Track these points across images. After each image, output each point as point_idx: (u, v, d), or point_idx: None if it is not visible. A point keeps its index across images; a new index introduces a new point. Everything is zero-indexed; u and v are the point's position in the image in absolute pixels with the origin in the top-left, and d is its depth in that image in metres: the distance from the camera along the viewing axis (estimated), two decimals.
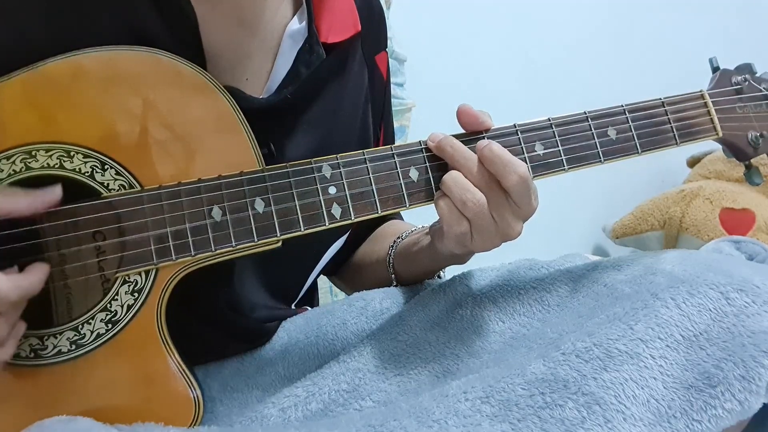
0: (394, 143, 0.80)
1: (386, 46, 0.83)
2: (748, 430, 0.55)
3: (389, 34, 0.85)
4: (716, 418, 0.50)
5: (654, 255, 0.64)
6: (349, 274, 0.89)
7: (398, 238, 0.78)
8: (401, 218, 0.91)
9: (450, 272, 0.76)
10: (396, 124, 1.42)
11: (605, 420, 0.49)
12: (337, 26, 0.70)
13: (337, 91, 0.72)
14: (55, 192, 0.52)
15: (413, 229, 0.79)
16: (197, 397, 0.56)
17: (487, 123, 0.62)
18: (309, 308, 0.83)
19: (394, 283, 0.77)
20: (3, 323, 0.49)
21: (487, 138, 0.62)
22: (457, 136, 0.61)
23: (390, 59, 1.39)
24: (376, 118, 0.82)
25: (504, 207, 0.59)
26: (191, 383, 0.56)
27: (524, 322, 0.65)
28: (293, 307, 0.80)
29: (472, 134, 0.62)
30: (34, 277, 0.51)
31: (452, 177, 0.59)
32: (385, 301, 0.73)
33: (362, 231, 0.87)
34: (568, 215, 1.78)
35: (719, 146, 0.75)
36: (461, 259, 0.71)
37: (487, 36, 1.66)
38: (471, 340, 0.64)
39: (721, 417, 0.50)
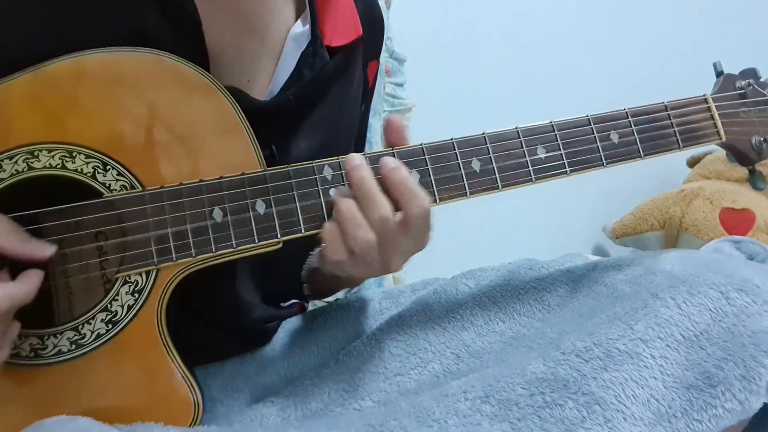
0: (363, 149, 0.79)
1: (380, 56, 0.83)
2: (749, 430, 0.55)
3: (389, 35, 0.86)
4: (717, 418, 0.50)
5: (654, 255, 0.64)
6: None
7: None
8: None
9: (450, 272, 0.76)
10: None
11: (605, 420, 0.49)
12: (341, 30, 0.70)
13: (339, 95, 0.72)
14: (50, 249, 0.52)
15: None
16: (196, 397, 0.56)
17: (405, 140, 0.60)
18: (307, 309, 0.83)
19: (307, 292, 0.76)
20: None
21: (488, 139, 0.62)
22: (458, 140, 0.61)
23: (390, 59, 1.39)
24: None
25: (392, 248, 0.56)
26: (190, 384, 0.56)
27: (524, 322, 0.65)
28: (291, 308, 0.80)
29: (472, 135, 0.62)
30: (27, 286, 0.50)
31: (348, 208, 0.55)
32: (385, 301, 0.73)
33: None
34: (568, 215, 1.78)
35: (719, 147, 0.75)
36: (351, 284, 0.70)
37: (487, 36, 1.66)
38: (471, 340, 0.64)
39: (721, 417, 0.51)
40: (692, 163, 1.83)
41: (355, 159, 0.57)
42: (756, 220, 1.55)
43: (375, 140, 1.24)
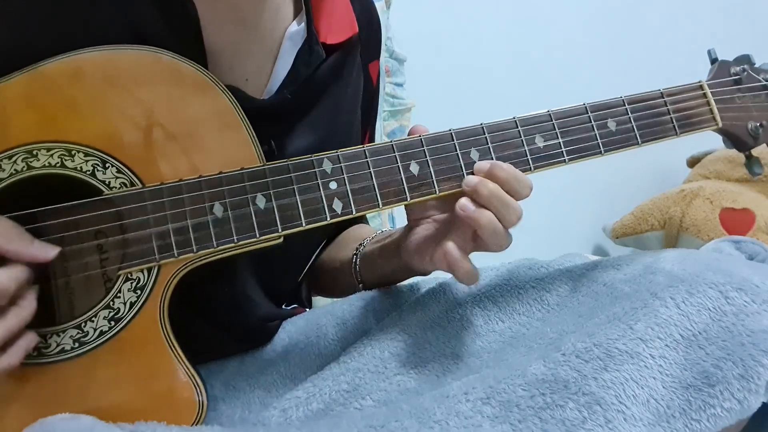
0: None
1: (380, 56, 0.83)
2: (747, 430, 0.55)
3: (389, 35, 0.86)
4: (715, 418, 0.50)
5: (653, 254, 0.64)
6: (310, 278, 0.87)
7: (360, 244, 0.77)
8: (366, 222, 0.91)
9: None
10: (396, 124, 1.42)
11: (606, 420, 0.49)
12: (336, 28, 0.71)
13: (337, 93, 0.72)
14: (54, 251, 0.52)
15: (374, 234, 0.78)
16: (200, 394, 0.56)
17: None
18: (308, 308, 0.83)
19: (360, 287, 0.77)
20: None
21: (486, 130, 0.62)
22: (456, 131, 0.61)
23: (390, 59, 1.39)
24: (363, 125, 0.82)
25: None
26: (195, 380, 0.56)
27: (524, 321, 0.65)
28: (290, 307, 0.80)
29: (470, 126, 0.62)
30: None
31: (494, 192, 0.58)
32: (385, 300, 0.73)
33: (330, 234, 0.86)
34: (568, 215, 1.78)
35: (719, 146, 0.75)
36: (427, 273, 0.71)
37: (487, 36, 1.66)
38: (471, 339, 0.64)
39: (720, 416, 0.51)
40: (692, 163, 1.82)
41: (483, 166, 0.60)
42: (756, 220, 1.55)
43: (375, 138, 1.25)
